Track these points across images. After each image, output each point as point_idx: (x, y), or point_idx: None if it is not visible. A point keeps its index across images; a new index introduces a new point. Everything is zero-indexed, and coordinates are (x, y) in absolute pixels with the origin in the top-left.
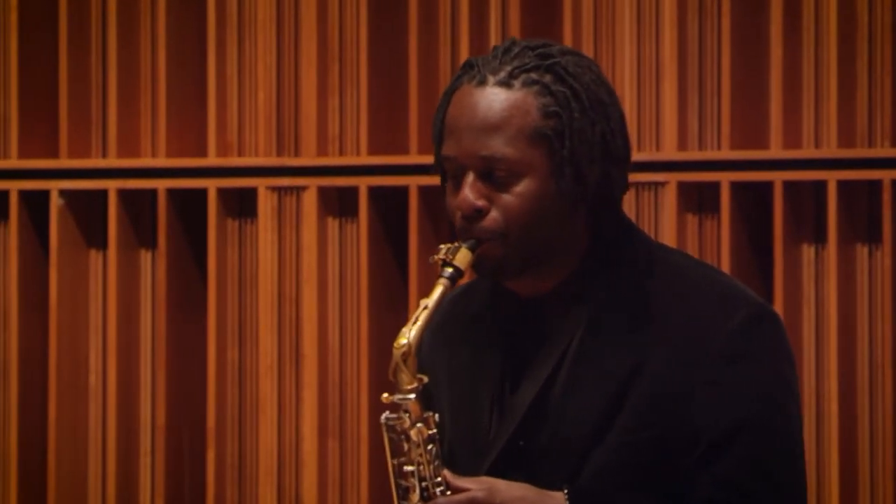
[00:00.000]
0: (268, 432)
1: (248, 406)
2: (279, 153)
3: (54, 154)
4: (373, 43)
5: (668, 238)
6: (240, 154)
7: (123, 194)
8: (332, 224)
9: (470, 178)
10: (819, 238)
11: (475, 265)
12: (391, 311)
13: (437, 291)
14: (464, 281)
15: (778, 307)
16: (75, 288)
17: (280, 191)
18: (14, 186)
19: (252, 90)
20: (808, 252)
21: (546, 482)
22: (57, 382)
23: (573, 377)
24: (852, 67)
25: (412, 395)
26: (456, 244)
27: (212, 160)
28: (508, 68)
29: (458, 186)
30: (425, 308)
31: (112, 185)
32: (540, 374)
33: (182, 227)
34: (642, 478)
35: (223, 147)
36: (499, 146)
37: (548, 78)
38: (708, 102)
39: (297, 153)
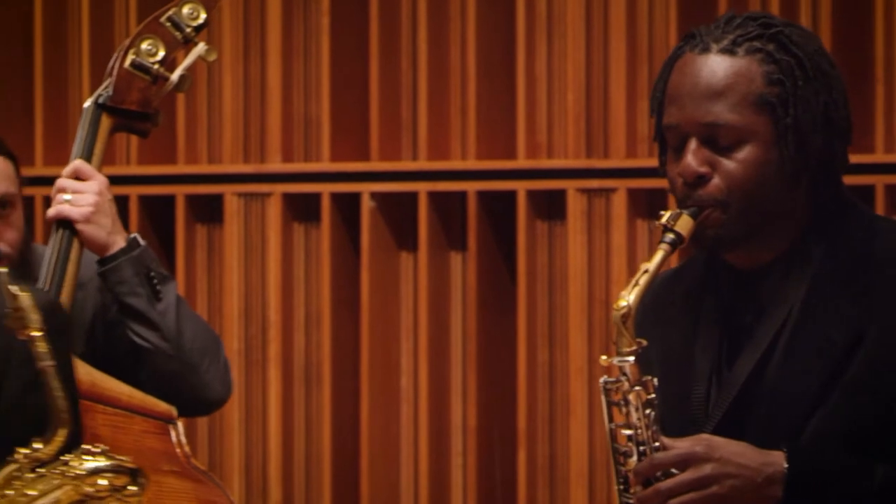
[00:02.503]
0: (579, 433)
1: (558, 407)
2: (588, 155)
3: (365, 157)
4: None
5: None
6: (549, 156)
7: (433, 196)
8: (642, 226)
9: (693, 144)
10: None
11: (695, 234)
12: None
13: (658, 256)
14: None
15: None
16: (386, 290)
17: (589, 193)
18: (326, 189)
19: (561, 91)
20: None
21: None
22: (369, 384)
23: (792, 346)
24: None
25: (631, 358)
26: (677, 211)
27: (521, 162)
28: (731, 36)
29: (679, 155)
30: (645, 272)
31: (422, 188)
32: (759, 345)
33: (491, 228)
34: (860, 443)
35: (532, 149)
36: (723, 112)
37: (771, 46)
38: None
39: (606, 155)
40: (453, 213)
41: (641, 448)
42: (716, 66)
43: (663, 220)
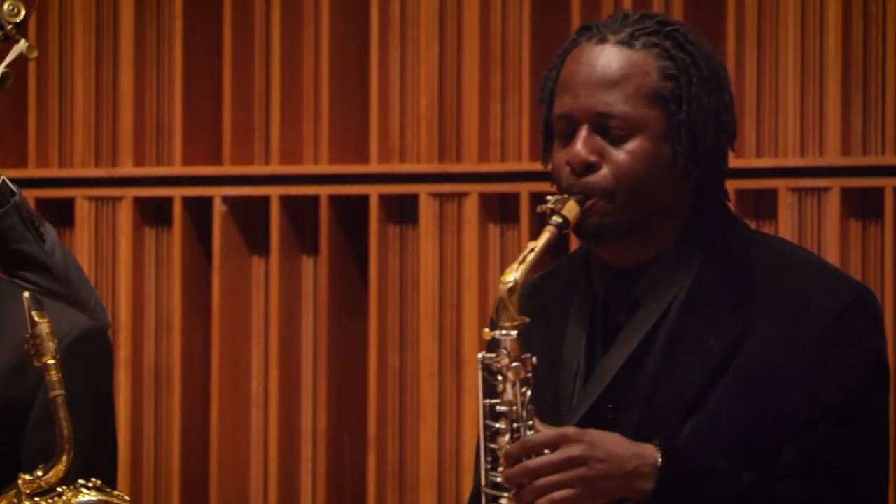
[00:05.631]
0: (429, 438)
1: (409, 412)
2: (441, 159)
3: (217, 161)
4: (535, 47)
5: (831, 244)
6: (401, 160)
7: (286, 200)
8: (494, 230)
9: (583, 132)
10: None
11: (578, 223)
12: None
13: (545, 237)
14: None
15: None
16: (237, 294)
17: (441, 197)
18: (178, 193)
19: (414, 96)
20: None
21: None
22: (219, 388)
23: (670, 349)
24: None
25: (514, 333)
26: (564, 195)
27: (373, 166)
28: (629, 30)
29: (568, 143)
30: (532, 250)
31: (274, 192)
32: (630, 341)
33: (344, 233)
34: (732, 450)
35: (385, 153)
36: (616, 102)
37: (668, 43)
38: (872, 106)
39: (458, 159)
40: (305, 218)
41: (515, 426)
42: (612, 56)
43: (549, 203)
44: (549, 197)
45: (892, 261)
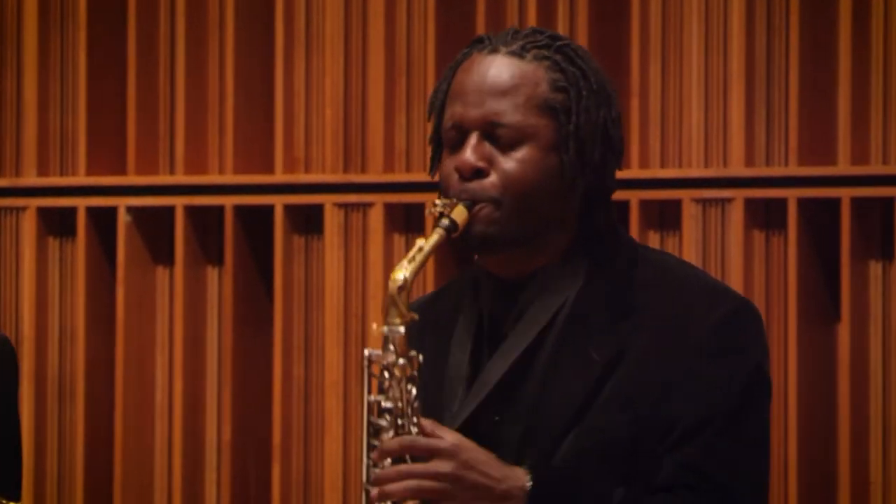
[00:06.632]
0: (333, 449)
1: (313, 422)
2: (346, 170)
3: (122, 171)
4: (440, 58)
5: (734, 254)
6: (307, 170)
7: (190, 211)
8: (399, 240)
9: (473, 139)
10: (886, 254)
11: (465, 231)
12: None
13: (433, 238)
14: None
15: (844, 324)
16: (142, 304)
17: (347, 207)
18: (82, 203)
19: (319, 106)
20: (875, 268)
21: (522, 463)
22: (123, 399)
23: (554, 362)
24: None
25: (402, 329)
26: (453, 201)
27: (279, 177)
28: (521, 42)
29: (457, 151)
30: (420, 249)
31: (179, 202)
32: (514, 350)
33: (248, 243)
34: (614, 462)
35: (290, 163)
36: (507, 110)
37: (558, 56)
38: (775, 118)
39: (363, 169)
40: (210, 228)
41: (400, 422)
42: (503, 65)
43: (438, 207)
44: (437, 201)
45: (795, 271)
